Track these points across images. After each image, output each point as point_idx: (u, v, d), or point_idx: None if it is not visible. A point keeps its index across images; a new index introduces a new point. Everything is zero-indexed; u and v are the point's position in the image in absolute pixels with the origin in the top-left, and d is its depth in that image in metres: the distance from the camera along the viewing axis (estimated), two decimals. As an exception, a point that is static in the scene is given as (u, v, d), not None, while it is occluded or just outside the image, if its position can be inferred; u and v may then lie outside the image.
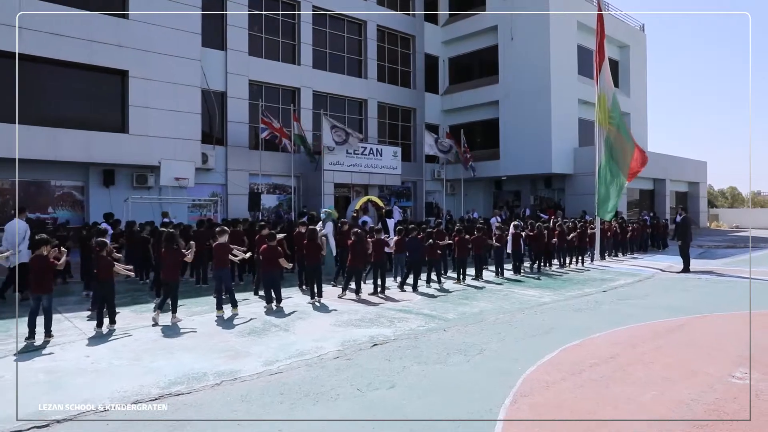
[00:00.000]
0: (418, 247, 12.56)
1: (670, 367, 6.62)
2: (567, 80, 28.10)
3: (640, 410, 5.24)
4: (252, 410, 5.34)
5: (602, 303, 10.95)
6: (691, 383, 6.01)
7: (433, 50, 31.49)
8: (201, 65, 22.31)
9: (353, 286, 11.60)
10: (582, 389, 5.85)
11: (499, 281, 13.99)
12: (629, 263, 18.12)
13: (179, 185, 19.89)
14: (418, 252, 12.53)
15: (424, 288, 12.79)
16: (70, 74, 19.33)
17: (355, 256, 11.36)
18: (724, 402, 5.41)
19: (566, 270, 16.32)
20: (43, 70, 18.72)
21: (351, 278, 11.58)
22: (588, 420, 5.02)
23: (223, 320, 9.26)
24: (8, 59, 16.95)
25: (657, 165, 29.65)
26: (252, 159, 23.72)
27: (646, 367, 6.61)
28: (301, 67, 25.87)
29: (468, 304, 10.84)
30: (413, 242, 12.54)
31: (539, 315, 9.77)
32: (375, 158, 26.29)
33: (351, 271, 11.51)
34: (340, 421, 5.09)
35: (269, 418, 5.13)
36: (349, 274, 11.60)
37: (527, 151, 27.78)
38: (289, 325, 8.90)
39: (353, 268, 11.43)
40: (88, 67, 19.42)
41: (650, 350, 7.38)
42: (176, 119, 21.17)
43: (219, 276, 9.71)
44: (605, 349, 7.40)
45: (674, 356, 7.08)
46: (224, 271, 9.69)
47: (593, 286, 13.29)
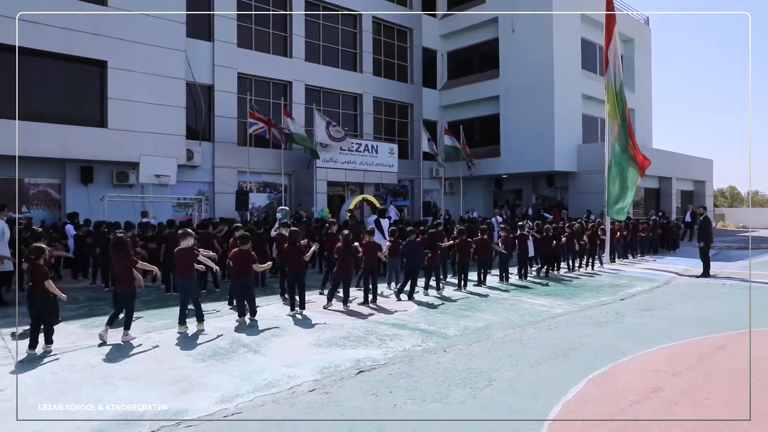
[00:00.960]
0: (415, 250, 11.11)
1: (729, 404, 5.19)
2: (570, 75, 26.67)
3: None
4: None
5: (624, 314, 9.51)
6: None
7: (431, 44, 30.03)
8: (186, 56, 20.89)
9: (341, 295, 10.16)
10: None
11: (504, 288, 12.56)
12: (641, 266, 16.70)
13: (160, 183, 18.43)
14: (415, 256, 11.08)
15: (422, 296, 11.35)
16: (44, 64, 17.89)
17: (342, 262, 9.93)
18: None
19: (576, 275, 14.89)
20: (15, 60, 17.27)
21: (338, 286, 10.15)
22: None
23: (186, 338, 7.82)
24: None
25: (663, 163, 28.21)
26: (240, 156, 22.27)
27: (700, 406, 5.18)
28: (293, 60, 24.42)
29: (471, 316, 9.41)
30: (410, 245, 11.09)
31: (554, 330, 8.33)
32: (370, 155, 24.85)
33: (338, 278, 10.08)
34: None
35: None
36: (335, 281, 10.17)
37: (529, 148, 26.34)
38: (261, 344, 7.46)
39: (341, 275, 10.00)
40: (64, 57, 17.99)
41: (698, 380, 5.95)
42: (159, 113, 19.75)
43: (183, 287, 8.26)
44: (642, 380, 5.97)
45: (730, 389, 5.66)
46: (189, 281, 8.24)
47: (609, 293, 11.87)
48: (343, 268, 9.91)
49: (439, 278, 11.91)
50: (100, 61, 18.73)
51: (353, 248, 10.03)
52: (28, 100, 17.67)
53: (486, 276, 12.96)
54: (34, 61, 17.56)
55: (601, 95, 28.41)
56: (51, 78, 18.17)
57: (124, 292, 7.67)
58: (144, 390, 5.66)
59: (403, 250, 11.13)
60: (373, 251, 10.48)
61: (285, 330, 8.29)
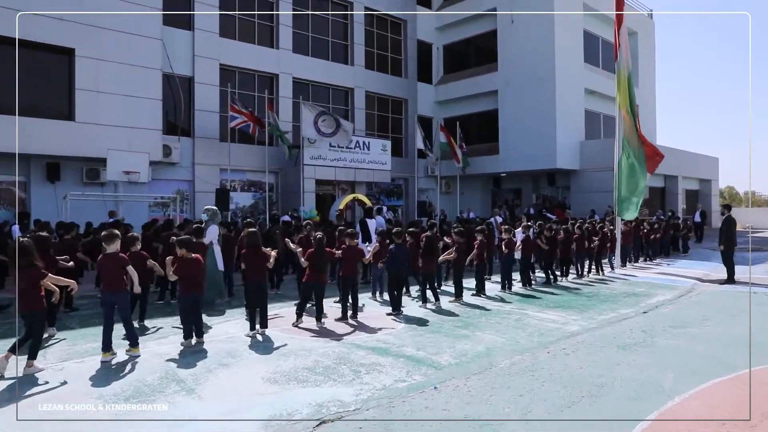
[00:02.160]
0: (401, 257, 9.36)
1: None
2: (572, 68, 24.99)
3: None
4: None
5: (653, 333, 7.78)
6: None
7: (426, 36, 28.29)
8: (163, 45, 19.17)
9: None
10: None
11: (507, 298, 10.83)
12: (655, 271, 14.98)
13: (129, 180, 16.68)
14: (400, 264, 9.33)
15: (415, 309, 9.63)
16: (5, 52, 16.13)
17: (314, 269, 8.19)
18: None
19: (586, 281, 13.17)
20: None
21: (309, 298, 8.42)
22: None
23: (108, 368, 6.08)
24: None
25: (669, 160, 26.39)
26: (223, 152, 20.52)
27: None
28: (280, 51, 22.70)
29: (469, 336, 7.67)
30: (396, 251, 9.34)
31: (572, 357, 6.61)
32: (362, 152, 23.15)
33: (308, 288, 8.36)
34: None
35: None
36: (305, 292, 8.43)
37: (529, 145, 24.64)
38: (200, 380, 5.72)
39: (310, 285, 8.27)
40: (27, 43, 16.26)
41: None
42: (132, 106, 18.05)
43: (109, 302, 6.51)
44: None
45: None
46: (116, 294, 6.49)
47: (628, 304, 10.15)
48: (314, 276, 8.17)
49: (436, 289, 10.16)
50: (66, 49, 17.02)
51: (328, 253, 8.28)
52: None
53: (484, 284, 11.22)
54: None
55: (604, 90, 26.90)
56: (13, 67, 16.41)
57: (29, 311, 5.94)
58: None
59: (387, 255, 9.35)
60: (353, 257, 8.74)
61: (237, 357, 6.55)
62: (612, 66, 28.23)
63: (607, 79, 27.17)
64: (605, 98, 27.16)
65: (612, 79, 27.47)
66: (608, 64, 27.77)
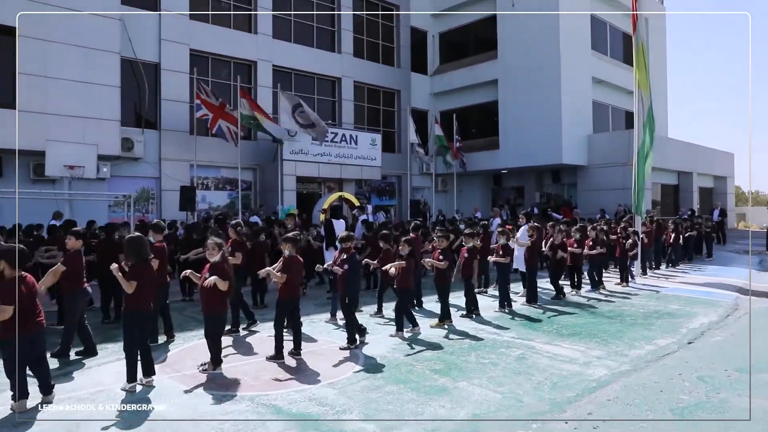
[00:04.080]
0: (351, 272, 6.84)
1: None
2: (579, 55, 22.43)
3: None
4: None
5: (715, 383, 5.30)
6: None
7: (421, 24, 25.69)
8: (124, 27, 16.78)
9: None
10: None
11: (505, 321, 8.33)
12: (683, 280, 12.46)
13: (71, 176, 14.26)
14: (353, 279, 6.83)
15: (382, 336, 7.17)
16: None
17: (208, 294, 5.69)
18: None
19: (603, 294, 10.64)
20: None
21: (218, 330, 5.92)
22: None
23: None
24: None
25: (684, 156, 24.02)
26: (194, 146, 18.06)
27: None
28: (258, 36, 20.22)
29: (449, 390, 5.21)
30: (349, 265, 6.81)
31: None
32: (349, 147, 20.67)
33: (208, 318, 5.85)
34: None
35: None
36: (208, 324, 5.90)
37: (532, 139, 22.09)
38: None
39: (208, 314, 5.76)
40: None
41: None
42: (85, 93, 15.65)
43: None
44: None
45: None
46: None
47: (663, 329, 7.64)
48: (210, 304, 5.67)
49: (410, 313, 7.64)
50: (6, 27, 14.61)
51: (222, 270, 5.70)
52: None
53: (477, 302, 8.72)
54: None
55: (613, 79, 24.29)
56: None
57: None
58: None
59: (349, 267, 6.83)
60: (293, 273, 6.24)
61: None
62: (621, 54, 25.81)
63: (616, 67, 24.64)
64: (614, 88, 24.61)
65: (621, 68, 25.05)
66: (617, 51, 25.25)
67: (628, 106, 24.85)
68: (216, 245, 5.62)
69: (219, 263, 5.58)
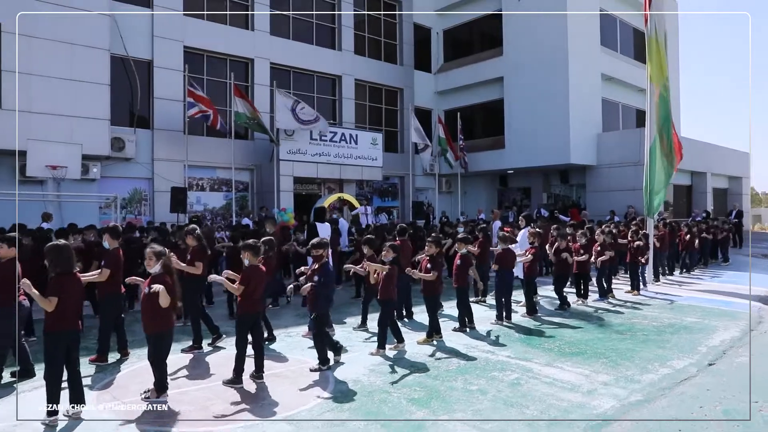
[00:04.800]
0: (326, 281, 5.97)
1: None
2: (588, 52, 21.42)
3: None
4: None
5: (749, 424, 4.37)
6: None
7: (424, 20, 24.79)
8: (115, 23, 16.14)
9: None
10: None
11: (502, 336, 7.44)
12: (699, 288, 11.47)
13: (53, 176, 13.56)
14: (322, 293, 5.95)
15: (361, 354, 6.33)
16: None
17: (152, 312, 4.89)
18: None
19: (612, 305, 9.72)
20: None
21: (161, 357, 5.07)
22: None
23: None
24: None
25: (697, 155, 22.78)
26: (188, 146, 17.33)
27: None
28: (255, 33, 19.46)
29: (423, 429, 4.33)
30: (322, 276, 5.95)
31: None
32: (348, 146, 19.85)
33: (149, 338, 5.03)
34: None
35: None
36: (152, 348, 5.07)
37: (538, 138, 21.13)
38: None
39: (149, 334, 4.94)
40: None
41: None
42: (73, 91, 15.05)
43: None
44: None
45: None
46: None
47: (680, 347, 6.73)
48: (151, 322, 4.85)
49: (396, 323, 6.80)
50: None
51: (164, 284, 4.87)
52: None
53: (472, 313, 7.84)
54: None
55: (623, 76, 23.25)
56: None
57: None
58: None
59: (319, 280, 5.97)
60: (252, 285, 5.40)
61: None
62: (632, 51, 24.76)
63: (626, 64, 23.60)
64: (625, 86, 23.57)
65: (632, 65, 24.00)
66: (627, 48, 24.20)
67: (640, 105, 23.84)
68: (154, 254, 4.80)
69: (159, 276, 4.77)
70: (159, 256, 4.80)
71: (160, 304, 4.63)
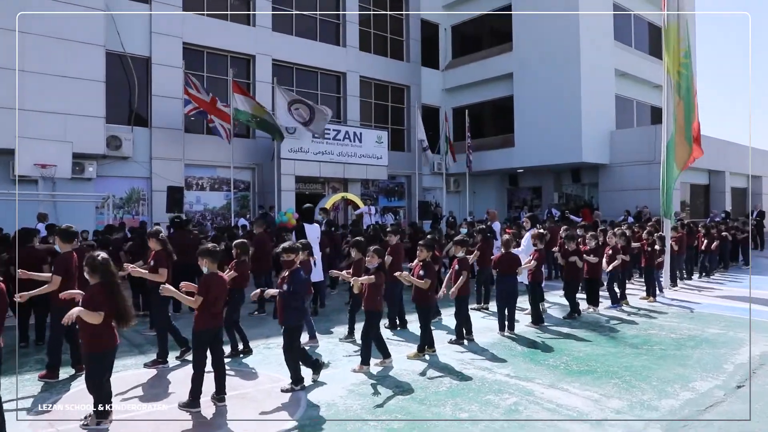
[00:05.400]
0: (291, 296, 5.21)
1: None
2: (600, 47, 20.50)
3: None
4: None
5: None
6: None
7: (432, 16, 23.99)
8: (112, 19, 15.63)
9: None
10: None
11: (502, 351, 6.66)
12: (720, 294, 10.57)
13: (42, 175, 13.02)
14: (293, 303, 5.20)
15: (341, 371, 5.60)
16: None
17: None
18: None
19: (625, 311, 8.89)
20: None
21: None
22: None
23: None
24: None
25: (715, 153, 21.71)
26: (188, 145, 16.79)
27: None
28: (257, 29, 18.82)
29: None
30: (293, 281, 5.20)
31: None
32: (353, 145, 19.15)
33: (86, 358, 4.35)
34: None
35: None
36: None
37: (549, 135, 20.26)
38: None
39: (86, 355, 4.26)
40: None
41: None
42: (67, 89, 14.53)
43: None
44: None
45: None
46: None
47: (702, 364, 5.91)
48: (88, 339, 4.18)
49: (382, 342, 6.04)
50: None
51: (90, 298, 4.17)
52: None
53: (470, 324, 7.08)
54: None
55: (638, 72, 22.26)
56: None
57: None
58: None
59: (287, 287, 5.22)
60: (211, 298, 4.69)
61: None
62: (647, 46, 23.76)
63: (640, 59, 22.63)
64: (640, 82, 22.61)
65: (648, 60, 23.02)
66: (642, 43, 23.22)
67: (655, 102, 22.84)
68: (88, 265, 4.11)
69: (96, 286, 4.09)
70: (95, 270, 4.11)
71: (91, 321, 3.95)
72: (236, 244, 6.22)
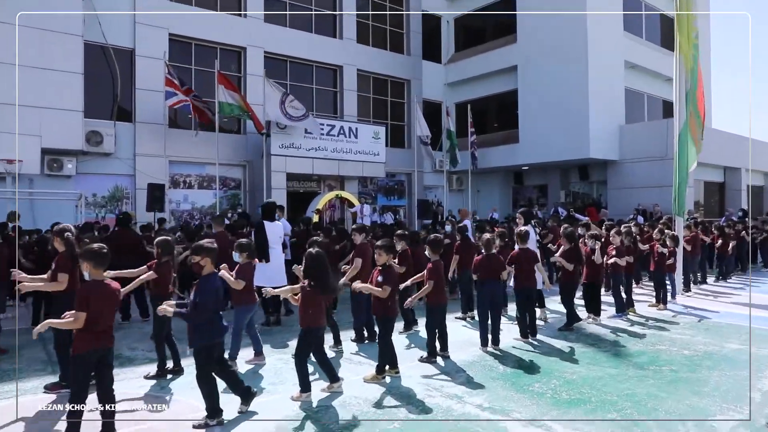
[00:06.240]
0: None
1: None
2: (609, 37, 19.25)
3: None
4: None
5: None
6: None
7: (434, 8, 22.86)
8: (93, 6, 14.74)
9: None
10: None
11: (478, 373, 5.55)
12: (736, 300, 9.35)
13: (6, 171, 12.13)
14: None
15: (283, 393, 4.54)
16: None
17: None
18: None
19: (629, 321, 7.73)
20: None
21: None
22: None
23: None
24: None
25: (730, 149, 20.40)
26: (174, 141, 15.86)
27: None
28: (248, 20, 17.85)
29: None
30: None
31: None
32: (348, 140, 18.09)
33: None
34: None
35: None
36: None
37: (555, 131, 19.04)
38: None
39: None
40: None
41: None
42: (42, 81, 13.60)
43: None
44: None
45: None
46: None
47: (719, 388, 4.78)
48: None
49: (326, 362, 4.98)
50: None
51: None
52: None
53: (446, 343, 5.97)
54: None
55: (648, 64, 20.92)
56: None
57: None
58: None
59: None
60: (93, 313, 3.65)
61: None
62: (658, 38, 22.39)
63: (651, 51, 21.31)
64: (650, 74, 21.29)
65: (659, 52, 21.65)
66: (653, 34, 21.88)
67: (667, 95, 21.48)
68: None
69: None
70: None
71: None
72: (157, 242, 5.17)
